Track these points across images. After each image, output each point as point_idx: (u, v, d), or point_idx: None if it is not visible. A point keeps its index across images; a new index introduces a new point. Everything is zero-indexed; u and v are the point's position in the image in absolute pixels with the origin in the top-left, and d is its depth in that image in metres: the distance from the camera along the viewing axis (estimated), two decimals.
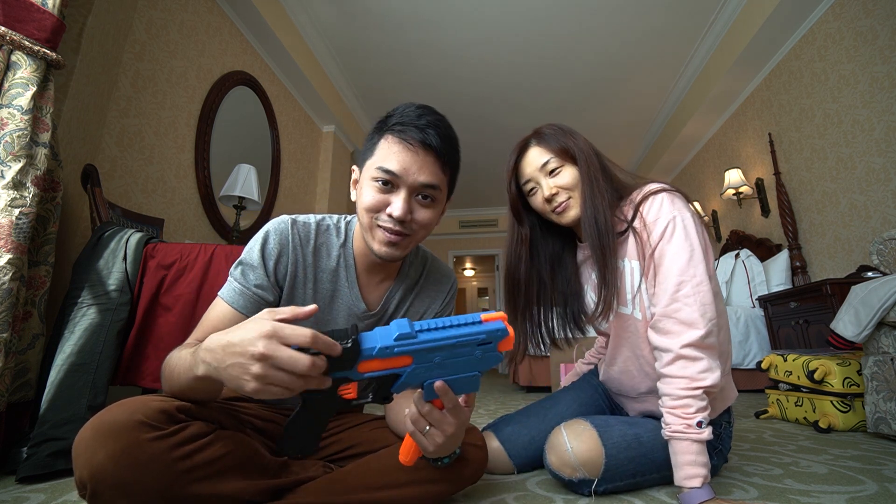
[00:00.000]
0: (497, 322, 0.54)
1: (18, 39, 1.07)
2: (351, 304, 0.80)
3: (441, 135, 0.71)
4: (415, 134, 0.69)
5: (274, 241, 0.74)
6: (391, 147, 0.70)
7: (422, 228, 0.74)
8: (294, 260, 0.75)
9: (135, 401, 0.54)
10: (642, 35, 3.31)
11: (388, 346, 0.50)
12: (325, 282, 0.79)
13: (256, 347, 0.45)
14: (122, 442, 0.49)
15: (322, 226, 0.80)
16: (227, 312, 0.70)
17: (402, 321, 0.53)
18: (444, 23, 3.19)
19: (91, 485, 0.49)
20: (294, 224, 0.77)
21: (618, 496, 0.84)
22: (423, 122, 0.70)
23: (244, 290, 0.71)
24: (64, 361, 1.10)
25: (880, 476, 0.93)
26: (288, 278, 0.75)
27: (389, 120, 0.72)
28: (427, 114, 0.72)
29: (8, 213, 1.02)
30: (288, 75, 3.29)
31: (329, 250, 0.80)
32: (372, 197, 0.71)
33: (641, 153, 5.14)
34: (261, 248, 0.74)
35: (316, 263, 0.78)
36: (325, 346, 0.47)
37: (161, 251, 1.31)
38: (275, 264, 0.74)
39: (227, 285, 0.73)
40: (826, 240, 2.65)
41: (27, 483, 0.95)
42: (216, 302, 0.72)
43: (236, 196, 2.36)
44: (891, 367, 1.30)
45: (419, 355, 0.52)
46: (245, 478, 0.60)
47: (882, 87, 2.20)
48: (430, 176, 0.71)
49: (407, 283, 0.86)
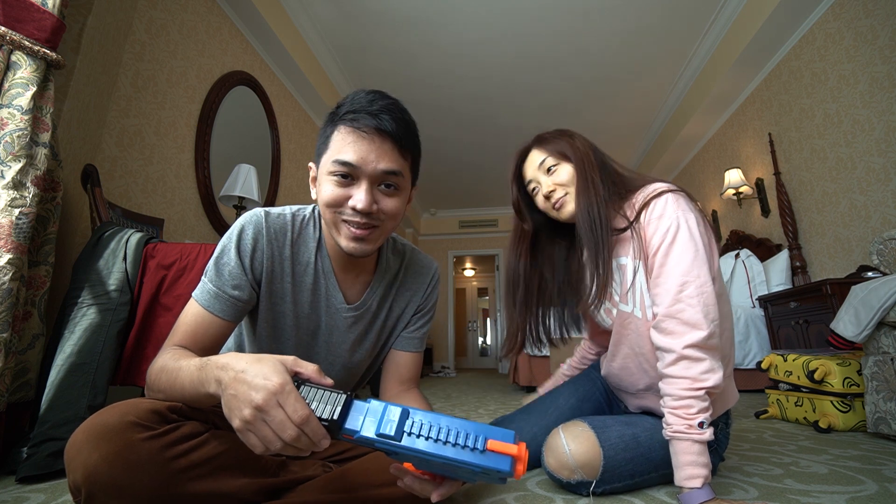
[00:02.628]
0: (502, 459, 0.45)
1: (18, 39, 1.07)
2: (330, 296, 0.78)
3: (396, 118, 0.67)
4: (368, 121, 0.66)
5: (249, 236, 0.71)
6: (345, 138, 0.67)
7: (389, 219, 0.71)
8: (270, 254, 0.73)
9: (125, 403, 0.54)
10: (642, 35, 3.31)
11: (368, 439, 0.46)
12: (303, 275, 0.76)
13: (257, 397, 0.45)
14: (116, 443, 0.49)
15: (297, 217, 0.77)
16: (202, 315, 0.68)
17: (393, 408, 0.47)
18: (443, 22, 3.19)
19: (85, 488, 0.48)
20: (268, 216, 0.74)
21: (617, 496, 0.84)
22: (376, 107, 0.66)
23: (219, 293, 0.69)
24: (64, 361, 1.10)
25: (880, 476, 0.93)
26: (265, 273, 0.73)
27: (340, 109, 0.69)
28: (379, 98, 0.68)
29: (8, 213, 1.02)
30: (288, 75, 3.29)
31: (306, 242, 0.77)
32: (331, 192, 0.67)
33: (641, 153, 5.14)
34: (236, 244, 0.71)
35: (293, 257, 0.75)
36: (312, 434, 0.46)
37: (161, 251, 1.31)
38: (251, 260, 0.71)
39: (201, 286, 0.70)
40: (826, 240, 2.65)
41: (27, 483, 0.95)
42: (190, 303, 0.70)
43: (236, 196, 2.36)
44: (891, 367, 1.30)
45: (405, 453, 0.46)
46: (243, 476, 0.59)
47: (882, 87, 2.20)
48: (390, 162, 0.67)
49: (387, 277, 0.84)
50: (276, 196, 3.19)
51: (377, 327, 0.84)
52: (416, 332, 0.88)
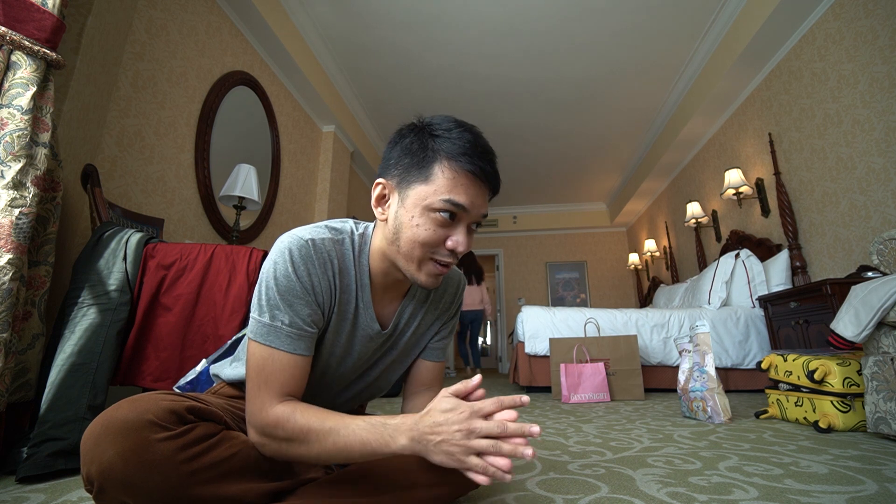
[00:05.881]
0: None
1: (18, 39, 1.07)
2: (367, 325, 0.75)
3: (494, 163, 0.68)
4: (482, 165, 0.65)
5: (302, 266, 0.65)
6: (458, 178, 0.64)
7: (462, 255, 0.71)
8: (327, 285, 0.68)
9: (145, 398, 0.54)
10: (642, 35, 3.31)
11: None
12: (346, 303, 0.72)
13: (457, 423, 0.54)
14: (132, 441, 0.50)
15: (337, 241, 0.71)
16: (293, 361, 0.64)
17: None
18: (443, 22, 3.19)
19: (98, 481, 0.49)
20: (314, 244, 0.67)
21: (618, 496, 0.84)
22: (480, 149, 0.66)
23: (301, 334, 0.64)
24: (64, 361, 1.10)
25: (880, 476, 0.93)
26: (323, 306, 0.68)
27: (440, 141, 0.65)
28: (476, 137, 0.67)
29: (8, 213, 1.02)
30: (288, 75, 3.29)
31: (349, 270, 0.72)
32: (433, 231, 0.65)
33: (641, 153, 5.14)
34: (295, 274, 0.64)
35: (340, 285, 0.70)
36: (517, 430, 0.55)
37: (161, 251, 1.31)
38: (313, 294, 0.66)
39: (273, 331, 0.63)
40: (826, 240, 2.65)
41: (27, 483, 0.95)
42: (270, 354, 0.63)
43: (236, 196, 2.36)
44: (891, 367, 1.30)
45: None
46: (248, 480, 0.60)
47: (882, 87, 2.20)
48: (486, 206, 0.68)
49: (419, 296, 0.82)
50: (276, 196, 3.19)
51: (399, 347, 0.82)
52: (438, 342, 0.86)
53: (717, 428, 1.55)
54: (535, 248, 7.11)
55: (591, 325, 3.02)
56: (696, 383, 1.78)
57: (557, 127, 4.63)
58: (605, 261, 6.92)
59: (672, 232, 5.17)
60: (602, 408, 2.19)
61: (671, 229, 5.19)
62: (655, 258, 5.68)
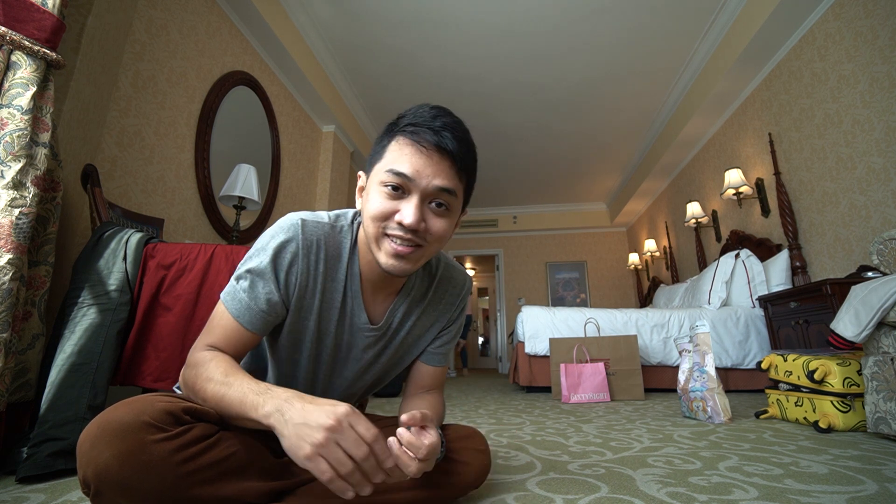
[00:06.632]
0: None
1: (18, 39, 1.07)
2: (355, 316, 0.75)
3: (458, 138, 0.65)
4: (429, 136, 0.63)
5: (288, 251, 0.67)
6: (402, 149, 0.64)
7: (435, 240, 0.67)
8: (305, 269, 0.69)
9: (141, 400, 0.54)
10: (642, 35, 3.31)
11: None
12: (333, 292, 0.72)
13: (328, 420, 0.49)
14: (128, 443, 0.49)
15: (337, 227, 0.72)
16: (233, 324, 0.66)
17: None
18: (443, 22, 3.19)
19: (95, 484, 0.49)
20: (305, 228, 0.69)
21: (617, 496, 0.84)
22: (439, 123, 0.64)
23: (251, 306, 0.66)
24: (64, 361, 1.10)
25: (880, 476, 0.93)
26: (298, 289, 0.69)
27: (401, 121, 0.67)
28: (442, 115, 0.66)
29: (8, 213, 1.02)
30: (288, 75, 3.29)
31: (340, 258, 0.72)
32: (380, 203, 0.64)
33: (641, 153, 5.14)
34: (272, 258, 0.67)
35: (326, 273, 0.71)
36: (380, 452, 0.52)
37: (161, 251, 1.31)
38: (286, 275, 0.67)
39: (232, 291, 0.67)
40: (826, 240, 2.65)
41: (27, 483, 0.95)
42: (222, 310, 0.67)
43: (236, 196, 2.36)
44: (891, 367, 1.30)
45: None
46: (247, 480, 0.59)
47: (882, 87, 2.20)
48: (446, 180, 0.64)
49: (413, 295, 0.80)
50: (276, 196, 3.19)
51: (394, 346, 0.81)
52: (439, 347, 0.86)
53: (717, 428, 1.55)
54: (535, 248, 7.12)
55: (591, 325, 3.02)
56: (696, 383, 1.78)
57: (557, 127, 4.63)
58: (605, 261, 6.92)
59: (672, 232, 5.17)
60: (602, 408, 2.19)
61: (671, 229, 5.19)
62: (655, 258, 5.68)
